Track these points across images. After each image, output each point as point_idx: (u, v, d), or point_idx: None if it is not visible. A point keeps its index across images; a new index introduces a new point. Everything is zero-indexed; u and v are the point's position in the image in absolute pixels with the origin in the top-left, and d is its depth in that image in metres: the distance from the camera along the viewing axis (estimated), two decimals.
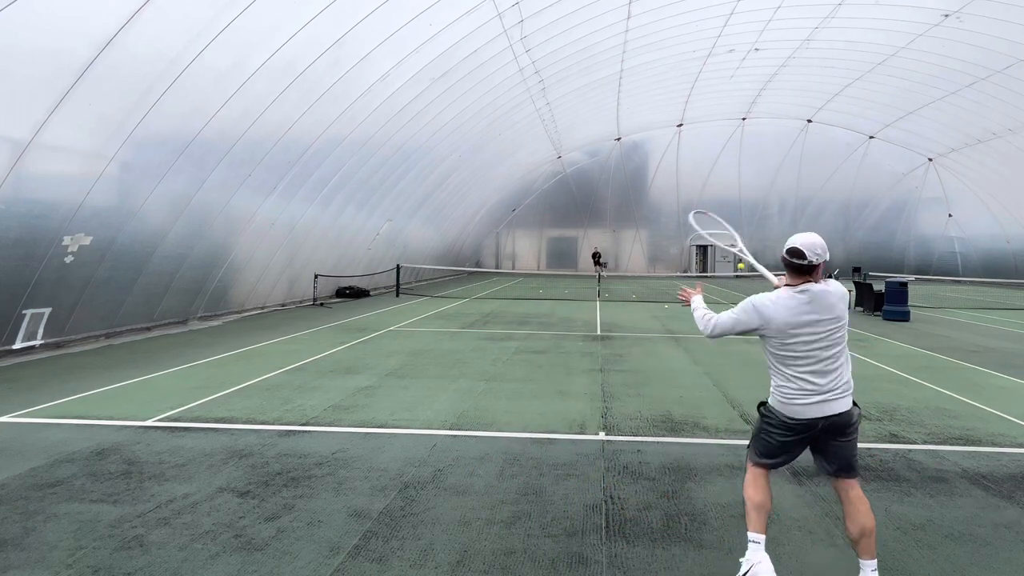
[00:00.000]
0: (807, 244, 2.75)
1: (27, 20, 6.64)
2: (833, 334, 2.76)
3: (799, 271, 2.77)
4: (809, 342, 2.76)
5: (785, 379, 2.83)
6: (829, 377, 2.78)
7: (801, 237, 2.79)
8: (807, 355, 2.77)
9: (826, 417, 2.77)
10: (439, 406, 6.26)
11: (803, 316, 2.75)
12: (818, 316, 2.74)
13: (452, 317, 14.34)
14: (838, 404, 2.78)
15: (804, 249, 2.73)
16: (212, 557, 3.18)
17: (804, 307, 2.75)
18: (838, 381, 2.79)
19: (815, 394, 2.78)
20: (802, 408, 2.80)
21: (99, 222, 9.06)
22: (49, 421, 5.57)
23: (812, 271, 2.76)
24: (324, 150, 14.02)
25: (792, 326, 2.76)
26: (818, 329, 2.75)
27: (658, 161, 36.09)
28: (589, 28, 16.90)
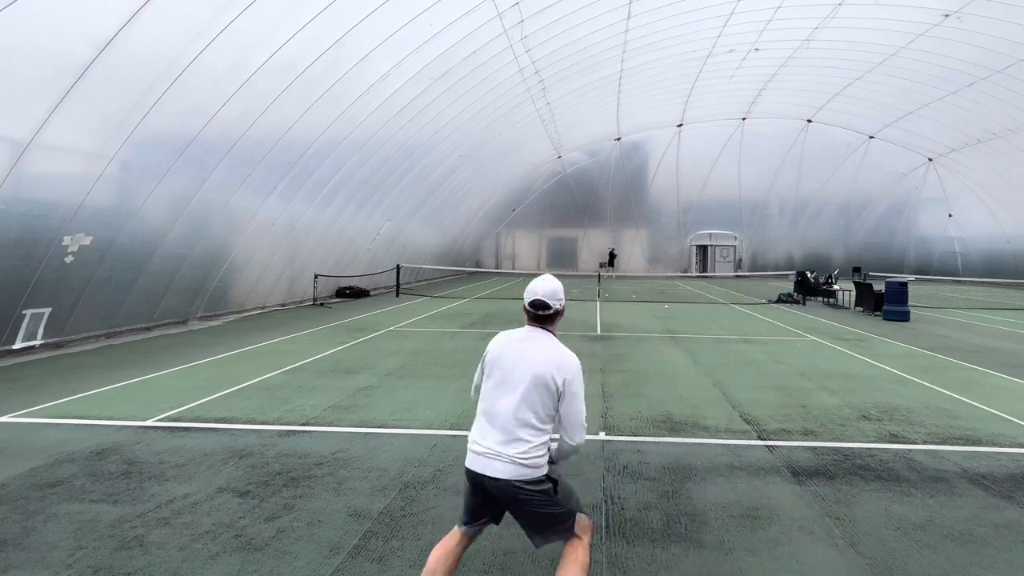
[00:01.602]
0: (548, 293, 2.59)
1: (27, 20, 6.64)
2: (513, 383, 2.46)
3: (532, 318, 2.62)
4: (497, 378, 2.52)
5: (476, 421, 2.58)
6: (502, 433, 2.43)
7: (542, 286, 2.61)
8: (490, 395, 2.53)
9: (483, 475, 2.45)
10: (439, 406, 6.26)
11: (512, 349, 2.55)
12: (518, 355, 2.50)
13: (452, 317, 14.34)
14: (494, 465, 2.42)
15: (546, 298, 2.58)
16: (212, 557, 3.18)
17: (519, 344, 2.56)
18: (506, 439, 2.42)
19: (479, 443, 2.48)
20: (471, 458, 2.52)
21: (99, 222, 9.05)
22: (49, 421, 5.57)
23: (545, 320, 2.60)
24: (324, 150, 14.02)
25: (498, 357, 2.56)
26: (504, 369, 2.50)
27: (658, 161, 36.09)
28: (589, 28, 16.90)
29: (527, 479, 2.40)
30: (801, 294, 19.53)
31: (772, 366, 8.72)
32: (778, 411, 6.24)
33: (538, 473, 2.43)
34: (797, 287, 19.99)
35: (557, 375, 2.43)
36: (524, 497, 2.41)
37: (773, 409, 6.31)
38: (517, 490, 2.40)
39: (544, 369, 2.44)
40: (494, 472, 2.42)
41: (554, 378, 2.43)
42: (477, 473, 2.47)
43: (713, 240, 37.73)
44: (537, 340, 2.56)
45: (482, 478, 2.45)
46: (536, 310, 2.59)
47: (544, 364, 2.45)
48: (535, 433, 2.43)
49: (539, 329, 2.61)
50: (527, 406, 2.43)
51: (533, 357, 2.48)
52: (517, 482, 2.40)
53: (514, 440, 2.41)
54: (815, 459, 4.80)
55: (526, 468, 2.40)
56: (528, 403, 2.43)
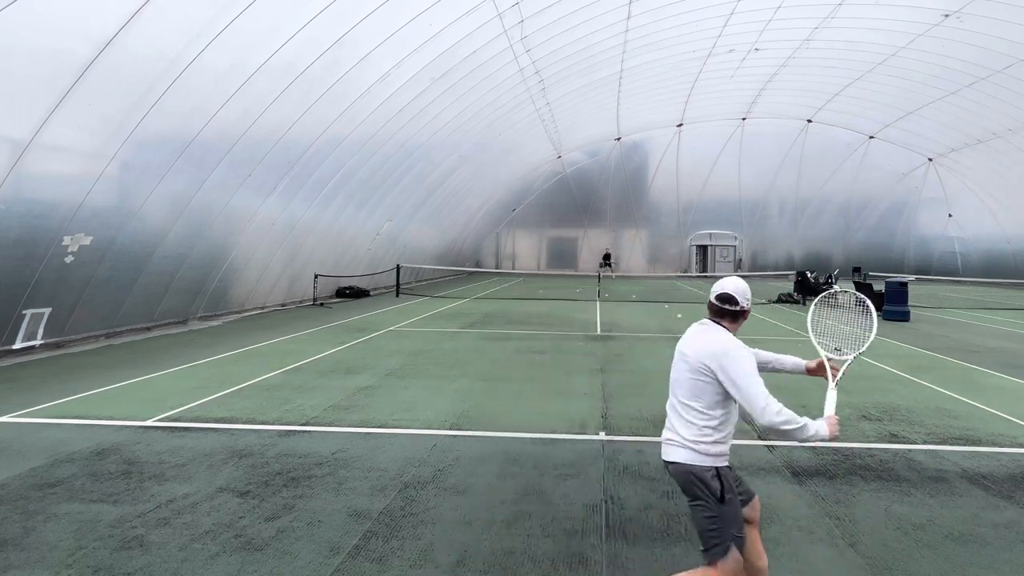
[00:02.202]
0: (736, 288, 2.67)
1: (27, 20, 6.64)
2: (685, 369, 2.58)
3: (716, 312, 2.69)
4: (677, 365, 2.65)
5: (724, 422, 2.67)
6: (672, 417, 2.61)
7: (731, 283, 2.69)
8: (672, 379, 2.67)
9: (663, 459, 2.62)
10: (439, 406, 6.26)
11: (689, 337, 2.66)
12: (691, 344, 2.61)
13: (452, 317, 14.34)
14: (668, 449, 2.59)
15: (733, 293, 2.65)
16: (212, 557, 3.18)
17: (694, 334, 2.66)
18: (673, 423, 2.59)
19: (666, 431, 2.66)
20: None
21: (99, 222, 9.05)
22: (49, 421, 5.57)
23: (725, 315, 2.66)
24: (324, 150, 14.01)
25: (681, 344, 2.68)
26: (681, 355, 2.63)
27: (658, 161, 36.07)
28: (589, 28, 16.89)
29: (697, 464, 2.48)
30: (801, 294, 19.53)
31: None
32: None
33: (708, 462, 2.48)
34: (797, 287, 19.99)
35: (711, 362, 2.48)
36: (693, 488, 2.48)
37: None
38: (689, 474, 2.49)
39: (701, 356, 2.51)
40: (668, 456, 2.55)
41: (708, 365, 2.49)
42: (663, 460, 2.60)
43: (713, 240, 37.72)
44: (705, 330, 2.62)
45: (664, 464, 2.58)
46: (721, 303, 2.63)
47: (701, 351, 2.52)
48: (701, 418, 2.49)
49: (713, 323, 2.65)
50: (692, 394, 2.51)
51: (698, 346, 2.56)
52: (689, 465, 2.49)
53: (681, 429, 2.52)
54: (815, 459, 4.80)
55: (696, 453, 2.48)
56: (693, 390, 2.51)
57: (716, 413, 2.50)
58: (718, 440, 2.50)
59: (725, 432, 2.53)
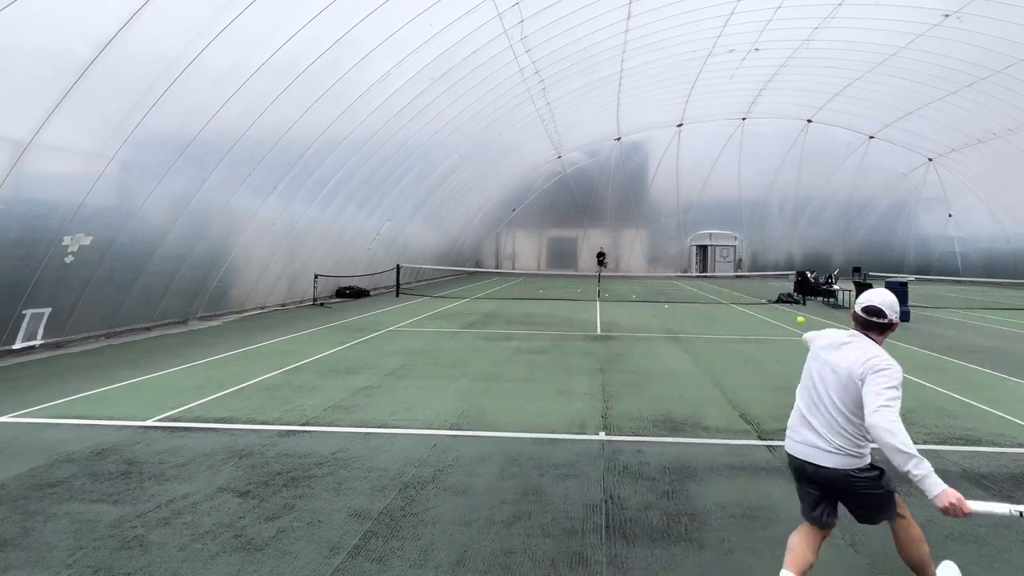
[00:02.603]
0: (885, 302, 2.82)
1: (27, 20, 6.64)
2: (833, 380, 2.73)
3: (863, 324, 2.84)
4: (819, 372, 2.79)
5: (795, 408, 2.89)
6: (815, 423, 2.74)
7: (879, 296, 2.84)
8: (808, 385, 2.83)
9: (807, 463, 2.73)
10: (439, 406, 6.26)
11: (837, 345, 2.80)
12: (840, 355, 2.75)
13: (452, 317, 14.34)
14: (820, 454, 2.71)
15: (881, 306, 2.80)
16: (212, 557, 3.18)
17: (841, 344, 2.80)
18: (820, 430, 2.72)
19: (798, 431, 2.81)
20: (789, 445, 2.84)
21: (99, 222, 9.05)
22: (49, 421, 5.57)
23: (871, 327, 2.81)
24: (324, 150, 14.02)
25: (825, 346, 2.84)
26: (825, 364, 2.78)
27: (658, 161, 36.07)
28: (589, 28, 16.89)
29: (854, 467, 2.67)
30: (801, 294, 19.53)
31: (772, 366, 8.72)
32: (778, 411, 6.24)
33: (863, 461, 2.69)
34: (797, 287, 19.98)
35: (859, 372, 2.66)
36: (858, 485, 2.67)
37: (773, 409, 6.30)
38: (848, 477, 2.66)
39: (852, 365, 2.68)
40: (822, 461, 2.68)
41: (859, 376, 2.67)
42: (802, 460, 2.74)
43: (713, 240, 37.73)
44: (859, 342, 2.77)
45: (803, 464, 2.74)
46: (868, 316, 2.77)
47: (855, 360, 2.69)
48: (860, 428, 2.67)
49: (861, 335, 2.78)
50: (850, 401, 2.66)
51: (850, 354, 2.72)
52: (846, 470, 2.65)
53: (832, 435, 2.68)
54: None
55: (852, 458, 2.66)
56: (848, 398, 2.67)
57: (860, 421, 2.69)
58: (869, 441, 2.68)
59: None
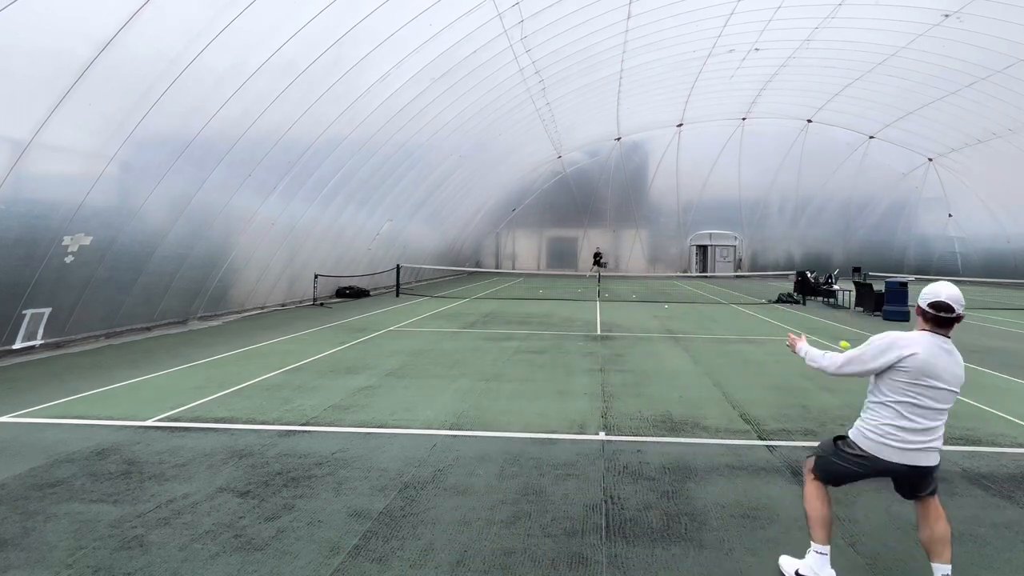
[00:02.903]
0: (954, 297, 2.77)
1: (27, 20, 6.64)
2: (949, 396, 2.81)
3: (942, 323, 2.82)
4: (929, 393, 2.81)
5: (891, 416, 2.86)
6: (927, 435, 2.84)
7: (947, 290, 2.80)
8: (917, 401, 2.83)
9: (914, 467, 2.85)
10: (439, 406, 6.26)
11: (940, 366, 2.79)
12: (949, 377, 2.79)
13: (452, 317, 14.34)
14: (929, 457, 2.85)
15: (951, 302, 2.76)
16: (212, 557, 3.18)
17: (944, 358, 2.80)
18: (935, 438, 2.85)
19: (911, 441, 2.84)
20: (894, 452, 2.86)
21: (99, 222, 9.05)
22: (49, 421, 5.57)
23: (953, 324, 2.82)
24: (324, 150, 14.02)
25: (928, 367, 2.79)
26: (942, 387, 2.80)
27: (658, 161, 36.08)
28: (589, 28, 16.90)
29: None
30: (801, 294, 19.53)
31: (772, 366, 8.72)
32: (778, 411, 6.24)
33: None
34: (797, 287, 19.98)
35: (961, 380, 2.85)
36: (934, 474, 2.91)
37: (773, 409, 6.31)
38: (934, 471, 2.89)
39: (960, 378, 2.84)
40: (928, 462, 2.84)
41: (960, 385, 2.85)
42: (908, 465, 2.84)
43: (713, 240, 37.73)
44: (953, 352, 2.83)
45: (910, 468, 2.85)
46: (939, 312, 2.78)
47: (960, 374, 2.83)
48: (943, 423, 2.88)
49: (948, 339, 2.84)
50: (948, 406, 2.84)
51: (955, 369, 2.81)
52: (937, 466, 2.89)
53: (938, 435, 2.85)
54: None
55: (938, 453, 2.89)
56: (948, 404, 2.84)
57: None
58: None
59: None
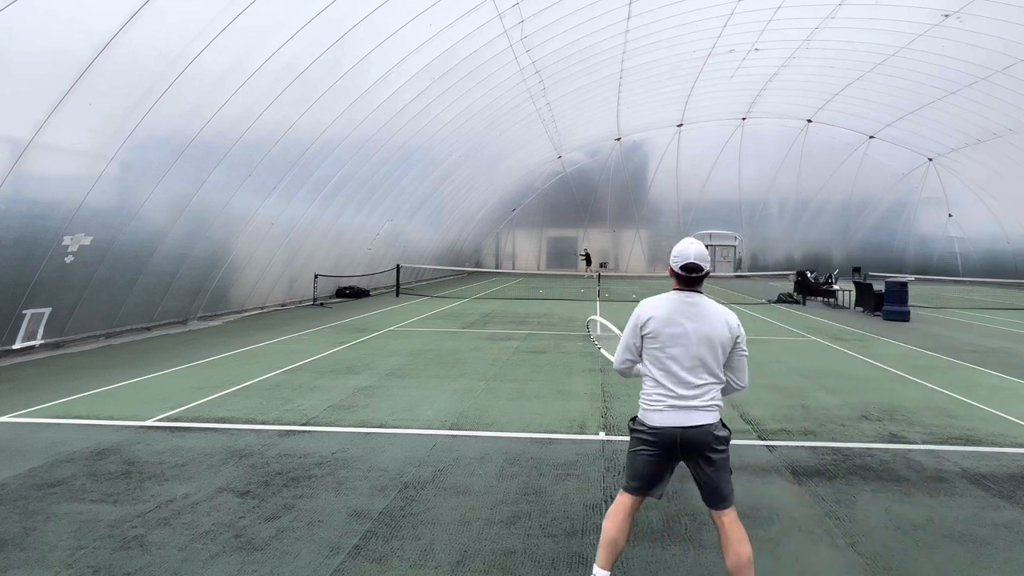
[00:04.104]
0: (701, 256, 2.79)
1: (27, 20, 6.64)
2: (700, 347, 2.71)
3: (688, 282, 2.81)
4: (677, 345, 2.73)
5: (651, 383, 2.78)
6: (691, 388, 2.70)
7: (694, 248, 2.79)
8: (672, 359, 2.73)
9: (682, 428, 2.67)
10: (439, 406, 6.26)
11: (682, 319, 2.74)
12: (694, 325, 2.72)
13: (452, 317, 14.34)
14: (695, 416, 2.68)
15: (699, 261, 2.78)
16: (212, 557, 3.18)
17: (687, 310, 2.75)
18: (700, 394, 2.71)
19: (671, 400, 2.71)
20: (658, 415, 2.72)
21: (99, 222, 9.05)
22: (49, 421, 5.57)
23: (700, 281, 2.82)
24: (324, 150, 14.02)
25: (667, 324, 2.75)
26: (690, 337, 2.72)
27: (658, 161, 36.08)
28: (589, 28, 16.89)
29: (715, 423, 2.70)
30: (801, 294, 19.53)
31: (772, 366, 8.72)
32: (778, 411, 6.24)
33: (719, 418, 2.74)
34: (797, 287, 19.99)
35: (729, 332, 2.74)
36: (715, 444, 2.67)
37: (773, 409, 6.31)
38: (711, 436, 2.67)
39: (721, 329, 2.73)
40: (695, 421, 2.67)
41: (727, 336, 2.73)
42: (671, 427, 2.69)
43: (713, 240, 37.72)
44: (699, 304, 2.78)
45: (675, 432, 2.69)
46: (689, 273, 2.78)
47: (718, 324, 2.74)
48: (715, 383, 2.74)
49: (694, 293, 2.81)
50: (711, 361, 2.72)
51: (705, 319, 2.74)
52: (711, 425, 2.68)
53: (705, 391, 2.71)
54: (815, 459, 4.80)
55: (716, 412, 2.72)
56: (711, 359, 2.72)
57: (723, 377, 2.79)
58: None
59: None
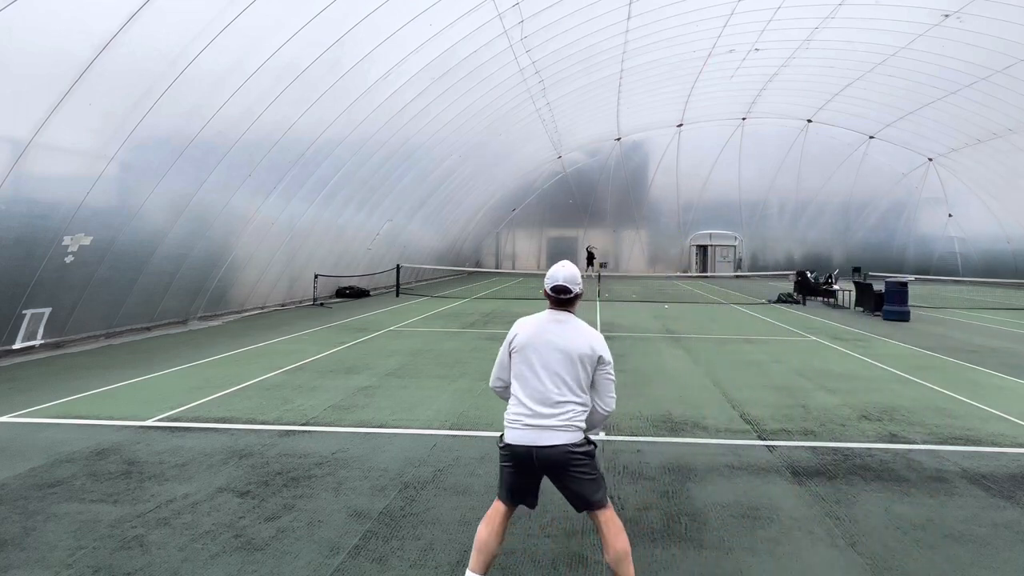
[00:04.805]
0: (570, 278, 2.86)
1: (27, 20, 6.64)
2: (560, 363, 2.70)
3: (558, 303, 2.86)
4: (538, 360, 2.73)
5: (514, 402, 2.78)
6: (548, 406, 2.67)
7: (563, 272, 2.87)
8: (533, 374, 2.73)
9: (537, 447, 2.64)
10: (439, 406, 6.26)
11: (546, 335, 2.77)
12: (557, 342, 2.73)
13: (452, 317, 14.34)
14: (549, 435, 2.64)
15: (567, 283, 2.84)
16: (212, 557, 3.18)
17: (552, 327, 2.79)
18: (558, 413, 2.66)
19: (527, 418, 2.68)
20: (514, 433, 2.71)
21: (99, 222, 9.05)
22: (49, 421, 5.57)
23: (571, 303, 2.87)
24: (324, 150, 14.02)
25: (531, 339, 2.78)
26: (551, 353, 2.72)
27: (658, 161, 36.08)
28: (589, 28, 16.90)
29: (574, 442, 2.67)
30: (801, 294, 19.53)
31: (772, 366, 8.72)
32: (778, 411, 6.24)
33: (581, 436, 2.71)
34: (797, 287, 19.99)
35: (592, 351, 2.74)
36: (575, 462, 2.66)
37: (773, 409, 6.31)
38: (569, 455, 2.65)
39: (583, 346, 2.74)
40: (548, 441, 2.65)
41: (589, 354, 2.73)
42: (526, 446, 2.67)
43: (713, 240, 37.73)
44: (566, 322, 2.83)
45: (530, 450, 2.67)
46: (558, 294, 2.86)
47: (582, 342, 2.75)
48: (576, 401, 2.71)
49: (563, 312, 2.87)
50: (571, 378, 2.72)
51: (568, 336, 2.77)
52: (569, 446, 2.65)
53: (561, 410, 2.68)
54: (815, 459, 4.80)
55: (574, 432, 2.68)
56: (571, 376, 2.72)
57: (585, 397, 2.76)
58: (584, 418, 2.74)
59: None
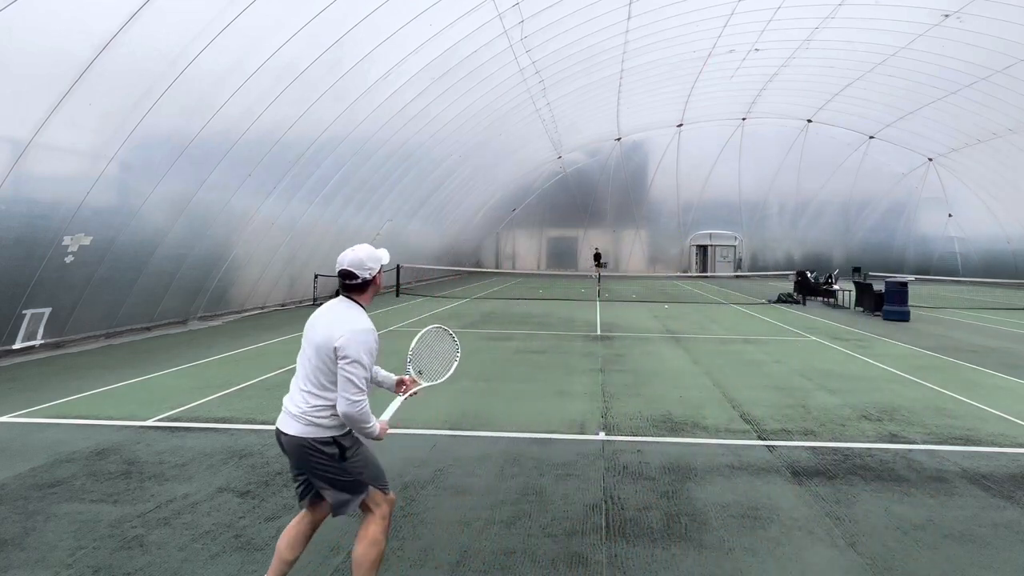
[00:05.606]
0: (355, 262, 2.66)
1: (27, 20, 6.64)
2: (311, 351, 2.54)
3: (345, 288, 2.70)
4: (302, 347, 2.62)
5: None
6: (296, 394, 2.57)
7: (350, 255, 2.68)
8: (299, 360, 2.63)
9: (282, 433, 2.56)
10: (439, 406, 6.26)
11: (315, 322, 2.63)
12: (315, 330, 2.58)
13: (452, 317, 14.34)
14: (288, 423, 2.54)
15: (352, 268, 2.65)
16: (212, 557, 3.18)
17: (325, 313, 2.63)
18: (298, 402, 2.54)
19: (285, 403, 2.61)
20: (278, 416, 2.63)
21: (99, 222, 9.05)
22: (49, 421, 5.57)
23: (359, 289, 2.68)
24: (324, 150, 14.02)
25: (307, 327, 2.65)
26: (309, 341, 2.58)
27: (658, 161, 36.08)
28: (589, 28, 16.90)
29: (312, 437, 2.50)
30: (801, 294, 19.53)
31: (772, 366, 8.72)
32: (778, 411, 6.24)
33: (323, 434, 2.51)
34: (797, 287, 19.99)
35: (328, 341, 2.49)
36: (312, 458, 2.52)
37: (773, 409, 6.31)
38: (305, 449, 2.51)
39: (324, 335, 2.51)
40: (286, 428, 2.54)
41: (326, 344, 2.49)
42: (278, 428, 2.59)
43: (713, 240, 37.73)
44: (337, 310, 2.61)
45: (279, 434, 2.58)
46: (343, 279, 2.65)
47: (325, 330, 2.52)
48: (318, 395, 2.51)
49: (345, 299, 2.66)
50: (314, 369, 2.52)
51: (321, 324, 2.57)
52: (303, 439, 2.50)
53: (301, 400, 2.53)
54: (815, 459, 4.80)
55: (310, 426, 2.50)
56: (313, 367, 2.52)
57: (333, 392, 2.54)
58: (334, 415, 2.53)
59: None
